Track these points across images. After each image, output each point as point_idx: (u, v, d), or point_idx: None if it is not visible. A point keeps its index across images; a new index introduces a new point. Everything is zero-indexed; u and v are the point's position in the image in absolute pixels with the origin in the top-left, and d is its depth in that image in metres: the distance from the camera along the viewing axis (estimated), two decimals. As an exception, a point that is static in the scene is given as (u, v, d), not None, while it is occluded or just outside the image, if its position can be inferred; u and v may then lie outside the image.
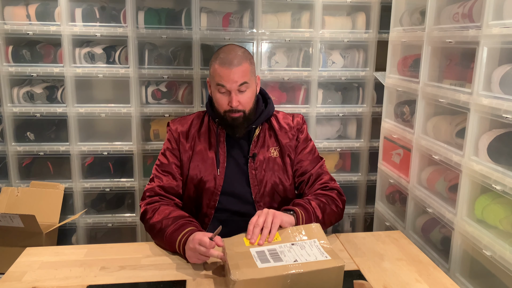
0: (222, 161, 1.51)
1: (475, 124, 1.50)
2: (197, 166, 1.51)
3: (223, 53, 1.43)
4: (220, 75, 1.41)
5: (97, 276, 1.19)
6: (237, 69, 1.40)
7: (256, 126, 1.52)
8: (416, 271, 1.23)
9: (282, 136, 1.54)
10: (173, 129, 1.56)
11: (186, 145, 1.54)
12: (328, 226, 1.47)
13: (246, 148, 1.53)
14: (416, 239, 1.91)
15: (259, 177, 1.51)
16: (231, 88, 1.41)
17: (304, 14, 2.33)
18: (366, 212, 2.61)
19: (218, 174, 1.50)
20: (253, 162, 1.51)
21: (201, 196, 1.52)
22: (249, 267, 1.06)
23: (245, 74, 1.42)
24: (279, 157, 1.53)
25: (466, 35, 1.55)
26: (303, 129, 1.58)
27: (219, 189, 1.50)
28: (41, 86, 2.33)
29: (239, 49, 1.46)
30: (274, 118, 1.58)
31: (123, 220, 2.44)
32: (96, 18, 2.25)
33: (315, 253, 1.13)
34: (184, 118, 1.59)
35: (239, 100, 1.42)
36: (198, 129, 1.55)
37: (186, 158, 1.53)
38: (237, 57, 1.41)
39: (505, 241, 1.37)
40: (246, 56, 1.45)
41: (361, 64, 2.43)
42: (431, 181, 1.83)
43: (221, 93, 1.43)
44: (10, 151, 2.32)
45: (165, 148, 1.56)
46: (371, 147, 2.52)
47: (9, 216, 2.05)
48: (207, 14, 2.30)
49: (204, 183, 1.50)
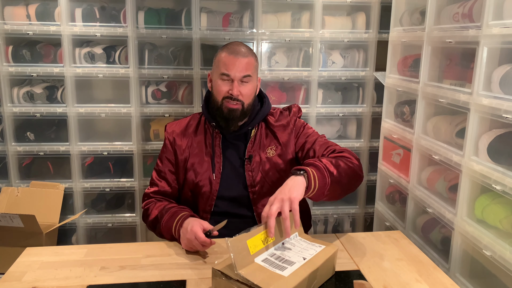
0: (217, 166, 1.50)
1: (475, 124, 1.50)
2: (193, 170, 1.52)
3: (231, 45, 1.48)
4: (225, 63, 1.43)
5: (97, 276, 1.19)
6: (243, 60, 1.43)
7: (252, 127, 1.52)
8: (416, 271, 1.23)
9: (281, 134, 1.54)
10: (169, 131, 1.58)
11: (182, 146, 1.54)
12: (347, 186, 1.32)
13: (242, 150, 1.52)
14: (416, 239, 1.91)
15: (256, 178, 1.50)
16: (235, 76, 1.42)
17: (304, 14, 2.33)
18: (366, 212, 2.61)
19: (214, 179, 1.50)
20: (250, 163, 1.50)
21: (197, 200, 1.52)
22: (279, 279, 1.02)
23: (250, 67, 1.45)
24: (276, 156, 1.52)
25: (466, 35, 1.55)
26: (299, 115, 1.60)
27: (214, 194, 1.50)
28: (41, 86, 2.33)
29: (246, 46, 1.51)
30: (270, 116, 1.57)
31: (123, 220, 2.44)
32: (96, 18, 2.25)
33: (309, 246, 1.18)
34: (179, 121, 1.62)
35: (240, 91, 1.43)
36: (195, 130, 1.56)
37: (182, 160, 1.53)
38: (244, 50, 1.46)
39: (505, 241, 1.37)
40: (253, 53, 1.50)
41: (361, 64, 2.43)
42: (431, 181, 1.83)
43: (223, 80, 1.45)
44: (10, 151, 2.32)
45: (161, 152, 1.58)
46: (371, 147, 2.52)
47: (9, 216, 2.05)
48: (207, 14, 2.30)
49: (200, 188, 1.50)
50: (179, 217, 1.38)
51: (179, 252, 1.33)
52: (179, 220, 1.37)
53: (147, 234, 2.50)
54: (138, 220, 2.44)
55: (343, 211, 2.60)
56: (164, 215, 1.42)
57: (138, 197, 2.42)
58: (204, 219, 1.50)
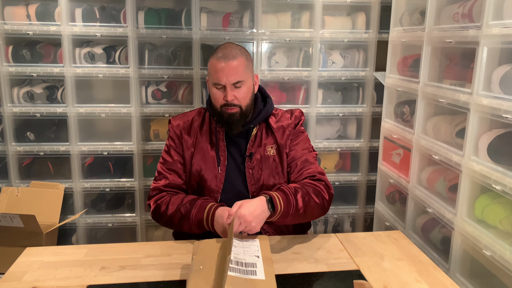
0: (222, 160, 1.52)
1: (475, 124, 1.50)
2: (198, 164, 1.52)
3: (219, 49, 1.47)
4: (215, 70, 1.43)
5: (97, 276, 1.19)
6: (232, 63, 1.42)
7: (254, 125, 1.53)
8: (416, 271, 1.23)
9: (280, 136, 1.54)
10: (174, 125, 1.57)
11: (188, 141, 1.55)
12: (307, 219, 1.44)
13: (244, 147, 1.53)
14: (416, 239, 1.91)
15: (256, 176, 1.51)
16: (226, 82, 1.42)
17: (304, 14, 2.33)
18: (366, 212, 2.61)
19: (219, 173, 1.51)
20: (250, 161, 1.51)
21: (202, 194, 1.53)
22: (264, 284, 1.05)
23: (240, 70, 1.43)
24: (276, 155, 1.53)
25: (466, 35, 1.55)
26: (300, 121, 1.59)
27: (220, 187, 1.51)
28: (41, 86, 2.33)
29: (235, 46, 1.48)
30: (273, 117, 1.58)
31: (123, 220, 2.44)
32: (96, 18, 2.25)
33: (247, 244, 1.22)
34: (185, 114, 1.61)
35: (235, 95, 1.44)
36: (200, 126, 1.57)
37: (188, 154, 1.54)
38: (232, 52, 1.44)
39: (505, 241, 1.37)
40: (242, 52, 1.47)
41: (361, 64, 2.43)
42: (431, 181, 1.83)
43: (217, 89, 1.45)
44: (10, 151, 2.32)
45: (168, 145, 1.57)
46: (371, 147, 2.52)
47: (9, 216, 2.05)
48: (207, 14, 2.30)
49: (206, 181, 1.52)
50: (208, 208, 1.38)
51: (179, 252, 1.33)
52: (209, 212, 1.37)
53: (147, 234, 2.50)
54: (138, 220, 2.44)
55: (343, 211, 2.60)
56: (188, 208, 1.40)
57: (138, 197, 2.42)
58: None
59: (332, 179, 2.52)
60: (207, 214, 1.36)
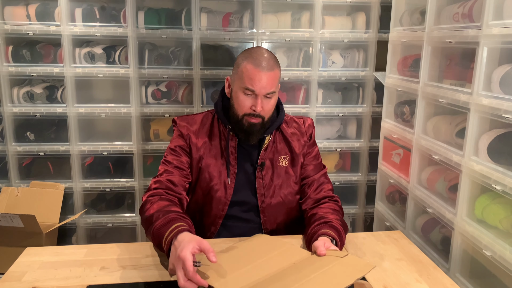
0: (232, 170, 1.45)
1: (475, 124, 1.50)
2: (207, 172, 1.44)
3: (256, 55, 1.36)
4: (250, 77, 1.33)
5: (97, 276, 1.19)
6: (270, 74, 1.34)
7: (268, 134, 1.45)
8: (416, 271, 1.23)
9: (295, 143, 1.49)
10: (181, 125, 1.47)
11: (198, 145, 1.45)
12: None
13: (255, 157, 1.46)
14: (416, 239, 1.91)
15: (266, 187, 1.45)
16: (260, 92, 1.34)
17: (304, 14, 2.33)
18: (366, 212, 2.61)
19: (229, 183, 1.44)
20: (261, 171, 1.45)
21: (210, 204, 1.46)
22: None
23: (275, 82, 1.37)
24: (288, 167, 1.48)
25: (466, 35, 1.55)
26: (313, 133, 1.54)
27: (228, 199, 1.44)
28: (41, 86, 2.33)
29: (272, 55, 1.40)
30: (284, 123, 1.52)
31: (123, 220, 2.44)
32: (96, 18, 2.25)
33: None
34: (192, 118, 1.50)
35: (263, 106, 1.36)
36: (209, 131, 1.48)
37: (197, 158, 1.45)
38: (270, 62, 1.35)
39: (505, 241, 1.37)
40: (277, 63, 1.39)
41: (361, 64, 2.43)
42: (431, 181, 1.83)
43: (246, 95, 1.36)
44: (10, 151, 2.32)
45: (175, 144, 1.45)
46: (371, 147, 2.52)
47: (9, 216, 2.05)
48: (207, 14, 2.30)
49: (215, 192, 1.44)
50: (174, 227, 1.14)
51: (179, 252, 1.33)
52: (173, 231, 1.13)
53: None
54: (138, 220, 2.44)
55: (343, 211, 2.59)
56: (159, 217, 1.20)
57: (138, 197, 2.42)
58: (216, 224, 1.46)
59: (332, 179, 2.51)
60: (170, 232, 1.13)
